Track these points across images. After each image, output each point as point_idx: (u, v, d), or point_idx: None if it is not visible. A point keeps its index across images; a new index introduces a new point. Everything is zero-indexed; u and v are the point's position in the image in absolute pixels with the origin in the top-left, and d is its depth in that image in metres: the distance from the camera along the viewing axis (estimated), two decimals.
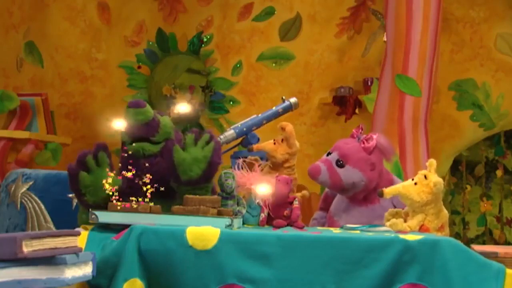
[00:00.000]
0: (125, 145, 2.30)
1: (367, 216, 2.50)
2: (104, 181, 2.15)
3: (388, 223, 2.27)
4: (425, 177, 2.30)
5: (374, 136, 2.54)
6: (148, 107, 2.30)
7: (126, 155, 2.28)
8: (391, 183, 2.52)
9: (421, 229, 2.28)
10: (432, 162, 2.33)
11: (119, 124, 2.29)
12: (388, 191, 2.32)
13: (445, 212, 2.37)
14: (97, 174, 2.20)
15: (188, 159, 2.23)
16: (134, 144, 2.28)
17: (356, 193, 2.54)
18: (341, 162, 2.51)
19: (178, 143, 2.31)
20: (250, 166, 2.45)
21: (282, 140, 2.63)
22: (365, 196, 2.56)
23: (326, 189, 2.79)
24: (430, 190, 2.29)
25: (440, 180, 2.30)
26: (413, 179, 2.33)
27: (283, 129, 2.64)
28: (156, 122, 2.30)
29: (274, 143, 2.64)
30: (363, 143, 2.52)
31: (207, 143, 2.27)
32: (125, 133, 2.30)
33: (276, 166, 2.62)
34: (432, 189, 2.28)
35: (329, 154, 2.57)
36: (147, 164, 2.25)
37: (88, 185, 2.20)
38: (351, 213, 2.57)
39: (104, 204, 2.16)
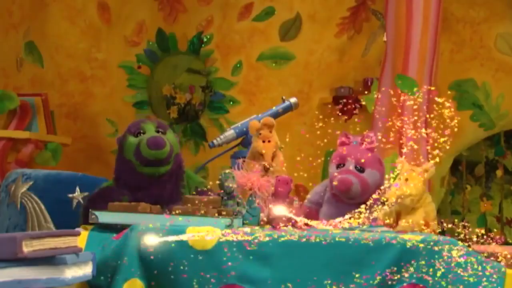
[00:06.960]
0: (126, 160, 2.32)
1: None
2: None
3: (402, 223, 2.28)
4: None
5: (371, 135, 2.57)
6: (167, 143, 2.31)
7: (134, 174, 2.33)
8: None
9: (425, 224, 2.29)
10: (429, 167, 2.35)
11: None
12: (392, 196, 2.30)
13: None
14: None
15: None
16: (148, 168, 2.32)
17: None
18: (360, 168, 2.51)
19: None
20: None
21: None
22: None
23: (308, 204, 2.74)
24: (422, 180, 2.30)
25: (431, 163, 2.32)
26: (396, 178, 2.34)
27: (270, 125, 2.62)
28: (170, 150, 2.32)
29: (268, 142, 2.63)
30: (361, 144, 2.55)
31: None
32: (135, 158, 2.32)
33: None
34: (424, 176, 2.31)
35: (339, 166, 2.56)
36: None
37: None
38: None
39: None
